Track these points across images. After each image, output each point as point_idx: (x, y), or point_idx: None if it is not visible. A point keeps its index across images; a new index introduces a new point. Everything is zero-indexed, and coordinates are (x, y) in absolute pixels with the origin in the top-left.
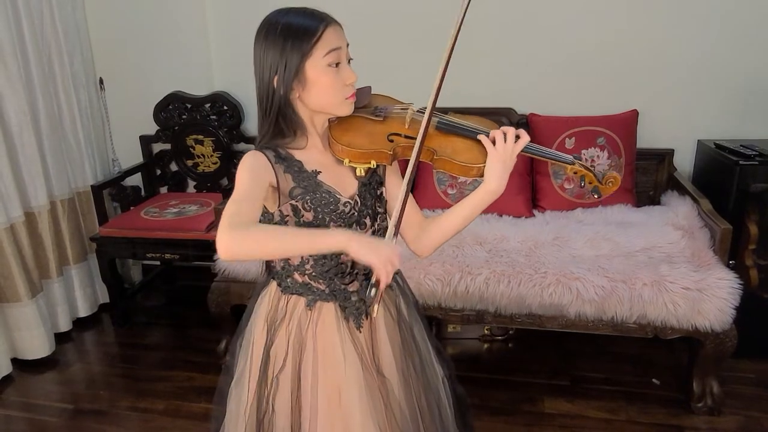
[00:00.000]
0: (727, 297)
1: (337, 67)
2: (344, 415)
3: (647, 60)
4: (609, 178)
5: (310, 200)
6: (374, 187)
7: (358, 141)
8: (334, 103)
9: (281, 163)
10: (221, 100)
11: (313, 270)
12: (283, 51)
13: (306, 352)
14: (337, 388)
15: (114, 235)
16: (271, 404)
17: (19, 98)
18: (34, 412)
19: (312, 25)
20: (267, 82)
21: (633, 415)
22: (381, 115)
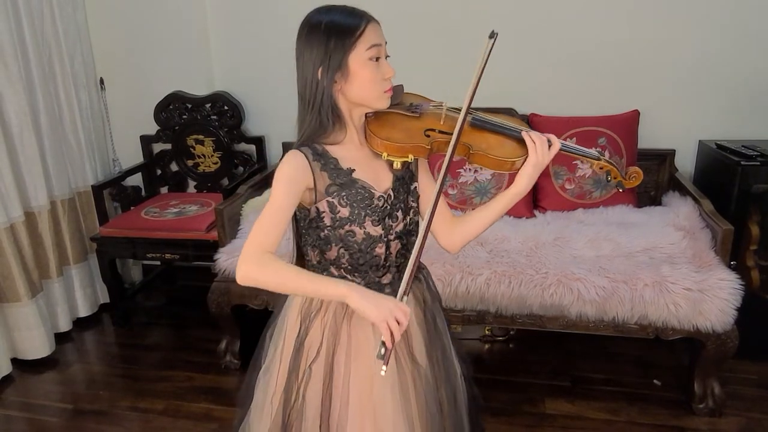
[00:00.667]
0: (728, 298)
1: (377, 62)
2: (375, 407)
3: (648, 60)
4: (632, 173)
5: (346, 196)
6: (407, 182)
7: (396, 135)
8: (373, 96)
9: (318, 160)
10: (222, 100)
11: (349, 264)
12: (327, 45)
13: (340, 344)
14: (369, 380)
15: (114, 235)
16: (302, 394)
17: (19, 98)
18: (34, 412)
19: (355, 22)
20: (311, 75)
21: (634, 416)
22: (417, 111)
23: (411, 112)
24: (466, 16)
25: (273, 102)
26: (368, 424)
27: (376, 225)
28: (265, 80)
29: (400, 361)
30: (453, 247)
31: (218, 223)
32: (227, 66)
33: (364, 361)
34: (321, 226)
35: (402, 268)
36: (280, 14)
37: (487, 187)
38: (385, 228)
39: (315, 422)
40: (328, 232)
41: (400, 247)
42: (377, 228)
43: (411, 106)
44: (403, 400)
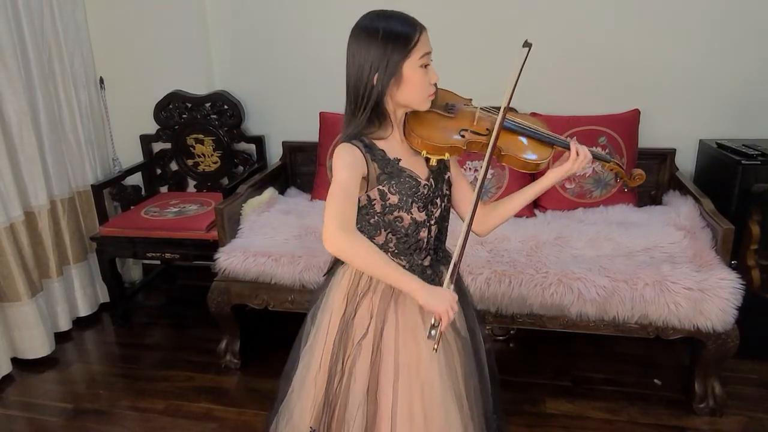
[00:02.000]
0: (729, 297)
1: (425, 69)
2: (423, 383)
3: (649, 59)
4: (636, 175)
5: (396, 184)
6: (442, 172)
7: (435, 135)
8: (419, 100)
9: (369, 152)
10: (221, 99)
11: (396, 248)
12: (385, 52)
13: (388, 323)
14: (417, 357)
15: (114, 235)
16: (350, 370)
17: (19, 98)
18: (34, 412)
19: (411, 31)
20: (366, 78)
21: (635, 416)
22: (453, 112)
23: (447, 112)
24: (466, 16)
25: (273, 101)
26: (417, 400)
27: (422, 211)
28: (265, 79)
29: (445, 337)
30: (483, 232)
31: (218, 222)
32: (227, 65)
33: (412, 340)
34: (371, 212)
35: (438, 251)
36: (281, 13)
37: (487, 185)
38: (428, 214)
39: (363, 398)
40: (377, 219)
41: (437, 232)
42: (422, 214)
43: (447, 106)
44: (450, 376)
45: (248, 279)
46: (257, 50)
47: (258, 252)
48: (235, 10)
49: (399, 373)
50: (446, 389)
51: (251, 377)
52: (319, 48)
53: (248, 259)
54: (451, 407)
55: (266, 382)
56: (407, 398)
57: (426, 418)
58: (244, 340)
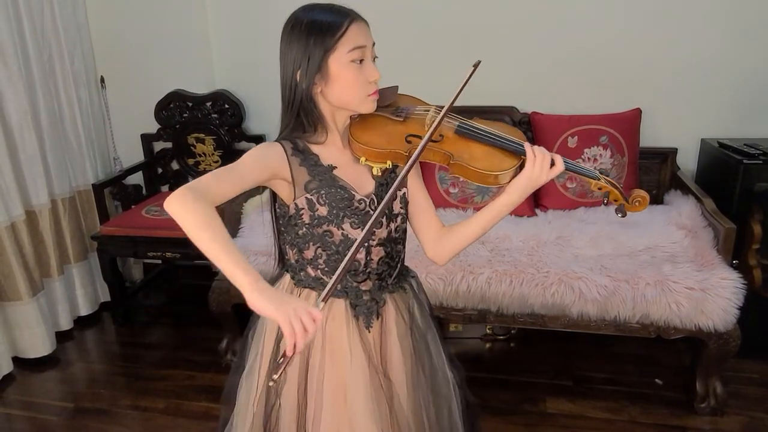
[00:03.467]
0: (730, 297)
1: (360, 64)
2: (349, 413)
3: (650, 58)
4: (637, 197)
5: (325, 195)
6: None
7: (375, 140)
8: (356, 100)
9: (298, 155)
10: (222, 98)
11: (326, 265)
12: (306, 45)
13: (314, 346)
14: (343, 384)
15: (115, 234)
16: (279, 397)
17: (19, 97)
18: (35, 411)
19: (336, 21)
20: (290, 75)
21: (635, 416)
22: (402, 115)
23: (395, 116)
24: (466, 16)
25: (274, 100)
26: (344, 429)
27: (356, 228)
28: (266, 79)
29: (375, 375)
30: (440, 260)
31: None
32: (228, 64)
33: (339, 367)
34: (299, 223)
35: (384, 277)
36: (281, 12)
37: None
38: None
39: (292, 425)
40: (306, 230)
41: (384, 255)
42: (356, 231)
43: (397, 110)
44: (378, 413)
45: None
46: (258, 49)
47: (258, 251)
48: (236, 9)
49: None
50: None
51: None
52: None
53: (249, 259)
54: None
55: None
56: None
57: None
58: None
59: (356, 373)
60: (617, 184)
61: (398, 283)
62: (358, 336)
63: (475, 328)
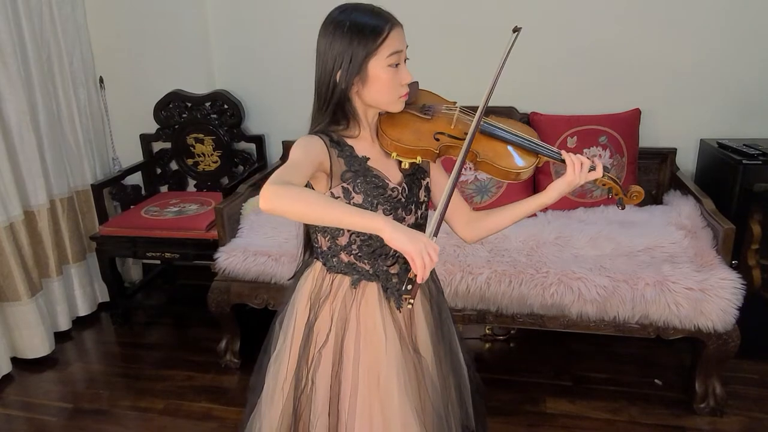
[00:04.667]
0: (730, 297)
1: (396, 68)
2: (382, 394)
3: (650, 59)
4: (634, 192)
5: (360, 183)
6: (418, 178)
7: (406, 137)
8: (389, 101)
9: (335, 147)
10: (221, 98)
11: (359, 251)
12: (349, 47)
13: (349, 329)
14: (377, 365)
15: (114, 234)
16: (311, 379)
17: (18, 97)
18: (34, 412)
19: (379, 26)
20: (329, 75)
21: (635, 416)
22: (429, 113)
23: (423, 114)
24: (466, 16)
25: (273, 101)
26: (376, 411)
27: (388, 214)
28: (265, 79)
29: (407, 352)
30: (470, 240)
31: (218, 222)
32: (227, 64)
33: (373, 346)
34: None
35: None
36: (281, 13)
37: (487, 186)
38: (396, 218)
39: (324, 408)
40: None
41: None
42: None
43: (423, 108)
44: (410, 389)
45: (248, 278)
46: (257, 49)
47: (258, 251)
48: (235, 9)
49: (358, 385)
50: (406, 403)
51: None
52: None
53: (248, 259)
54: (410, 422)
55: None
56: (367, 410)
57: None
58: (244, 339)
59: (390, 352)
60: (617, 180)
61: None
62: (390, 316)
63: (474, 328)
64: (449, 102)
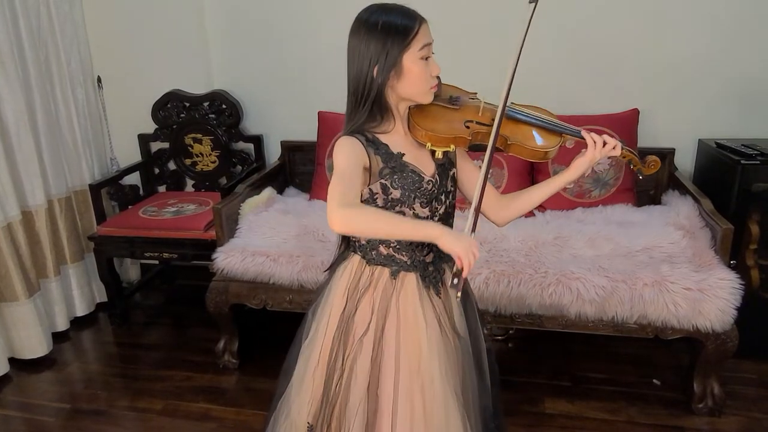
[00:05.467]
0: (728, 297)
1: (426, 61)
2: (423, 379)
3: (648, 59)
4: (651, 161)
5: (398, 179)
6: (447, 168)
7: (439, 127)
8: (421, 92)
9: (371, 145)
10: (220, 98)
11: (398, 243)
12: (385, 44)
13: (389, 318)
14: (418, 351)
15: (112, 234)
16: (349, 366)
17: (16, 97)
18: (32, 412)
19: (411, 23)
20: (366, 71)
21: (633, 416)
22: (457, 104)
23: (452, 104)
24: (465, 16)
25: (271, 101)
26: (417, 397)
27: (424, 207)
28: (264, 79)
29: (445, 334)
30: (501, 222)
31: (216, 222)
32: (225, 64)
33: (413, 337)
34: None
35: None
36: (279, 13)
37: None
38: (431, 210)
39: (363, 395)
40: None
41: None
42: (425, 210)
43: (451, 99)
44: (450, 373)
45: (246, 279)
46: (256, 50)
47: (256, 252)
48: (234, 9)
49: (400, 371)
50: (446, 386)
51: (249, 377)
52: (317, 47)
53: (246, 259)
54: (451, 404)
55: (265, 381)
56: (408, 395)
57: (426, 416)
58: (243, 340)
59: (431, 338)
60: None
61: None
62: (430, 304)
63: None
64: (470, 92)
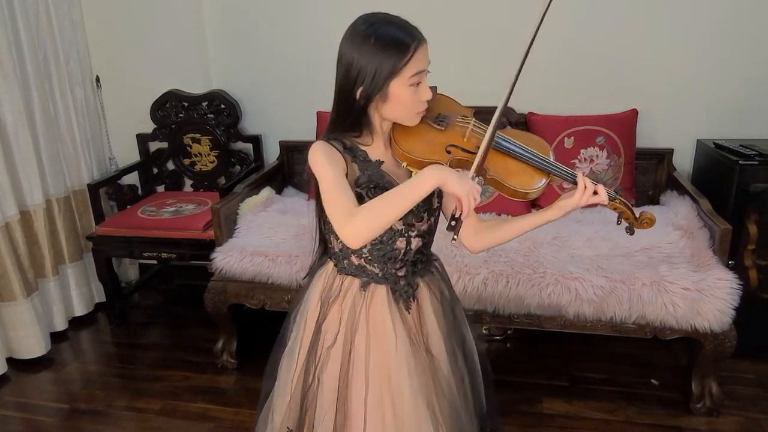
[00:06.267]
0: (726, 297)
1: (417, 86)
2: (393, 392)
3: (647, 59)
4: (645, 218)
5: (374, 189)
6: None
7: (418, 148)
8: (406, 117)
9: (348, 152)
10: (218, 98)
11: (370, 254)
12: (372, 63)
13: (359, 331)
14: (388, 364)
15: (110, 234)
16: (318, 377)
17: (14, 97)
18: (30, 412)
19: (407, 44)
20: (351, 89)
21: (632, 416)
22: (443, 124)
23: (437, 125)
24: (464, 16)
25: (270, 101)
26: (388, 409)
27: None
28: (263, 79)
29: (418, 352)
30: (474, 250)
31: (215, 222)
32: (224, 64)
33: (383, 346)
34: None
35: (417, 264)
36: (278, 13)
37: (484, 187)
38: (406, 224)
39: (331, 406)
40: None
41: (421, 245)
42: (398, 222)
43: (438, 118)
44: (423, 389)
45: (245, 279)
46: (254, 49)
47: (255, 252)
48: (232, 9)
49: (369, 385)
50: (418, 400)
51: (248, 377)
52: (316, 47)
53: (245, 259)
54: (422, 419)
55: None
56: (379, 409)
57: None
58: (241, 340)
59: (401, 351)
60: (629, 205)
61: (426, 267)
62: (399, 317)
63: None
64: (465, 109)
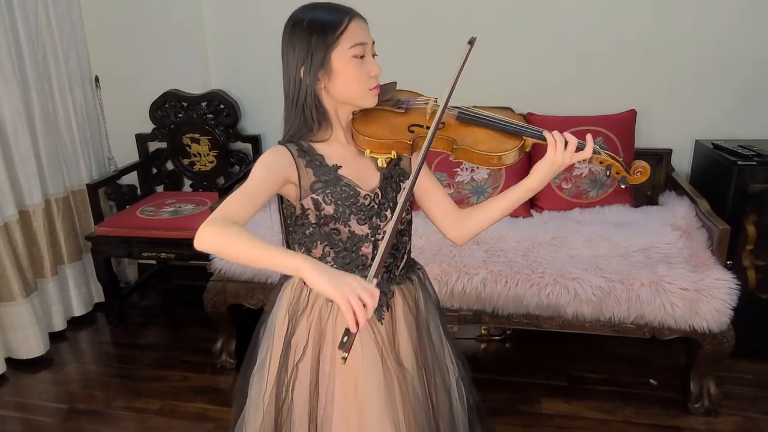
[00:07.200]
0: (724, 297)
1: (362, 59)
2: (360, 405)
3: (645, 59)
4: (637, 168)
5: (331, 194)
6: (396, 180)
7: (379, 132)
8: (358, 94)
9: (303, 156)
10: (218, 98)
11: (334, 262)
12: (309, 43)
13: (326, 342)
14: (354, 377)
15: (109, 234)
16: (290, 392)
17: (13, 97)
18: (29, 412)
19: (337, 18)
20: (294, 73)
21: (630, 416)
22: (403, 107)
23: (397, 108)
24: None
25: (269, 101)
26: (354, 422)
27: (362, 224)
28: (262, 79)
29: (386, 363)
30: (460, 240)
31: None
32: (223, 64)
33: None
34: (306, 223)
35: (391, 269)
36: (276, 12)
37: (483, 186)
38: (372, 227)
39: (303, 420)
40: (313, 230)
41: (393, 250)
42: (363, 227)
43: (398, 103)
44: (389, 402)
45: (244, 279)
46: (253, 49)
47: None
48: (232, 8)
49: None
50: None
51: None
52: None
53: None
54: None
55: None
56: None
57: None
58: (240, 340)
59: (368, 363)
60: (617, 157)
61: (405, 274)
62: (368, 328)
63: (470, 328)
64: (428, 97)
